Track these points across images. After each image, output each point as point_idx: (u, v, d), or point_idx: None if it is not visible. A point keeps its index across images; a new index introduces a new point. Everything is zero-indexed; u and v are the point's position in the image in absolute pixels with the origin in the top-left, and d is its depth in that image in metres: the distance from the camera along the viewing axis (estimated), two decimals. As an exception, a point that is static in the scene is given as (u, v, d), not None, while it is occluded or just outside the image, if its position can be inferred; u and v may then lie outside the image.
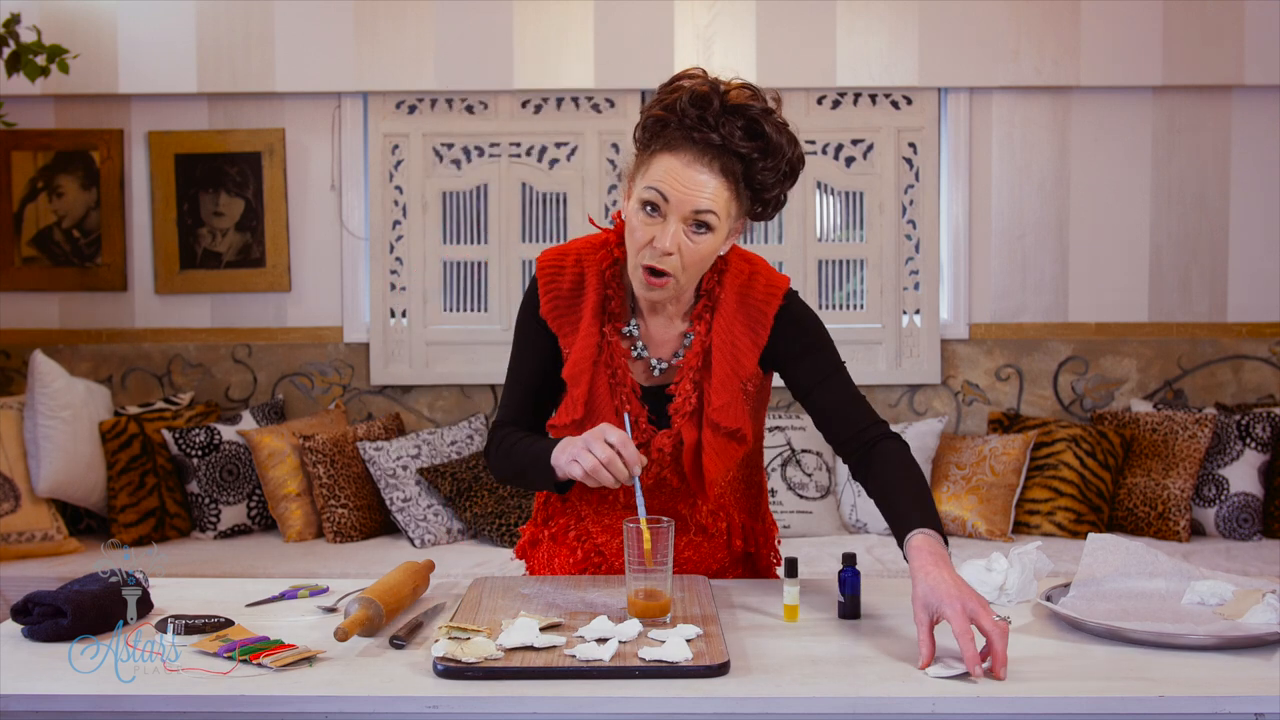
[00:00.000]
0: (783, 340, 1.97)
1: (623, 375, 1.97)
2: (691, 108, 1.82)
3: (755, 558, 2.15)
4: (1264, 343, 4.50)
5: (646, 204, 1.85)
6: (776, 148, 1.85)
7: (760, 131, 1.83)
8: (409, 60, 4.42)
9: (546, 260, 2.02)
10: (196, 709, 1.52)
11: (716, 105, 1.82)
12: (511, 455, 1.97)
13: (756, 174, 1.85)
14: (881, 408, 4.52)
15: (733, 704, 1.50)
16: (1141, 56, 4.39)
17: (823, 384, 1.96)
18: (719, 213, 1.84)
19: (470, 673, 1.55)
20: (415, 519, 4.05)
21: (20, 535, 3.91)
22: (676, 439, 1.97)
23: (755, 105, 1.84)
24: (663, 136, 1.85)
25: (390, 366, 4.54)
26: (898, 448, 1.91)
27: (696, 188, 1.82)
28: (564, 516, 2.11)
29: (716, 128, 1.82)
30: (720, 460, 1.96)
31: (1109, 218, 4.51)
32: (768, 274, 2.00)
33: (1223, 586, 1.85)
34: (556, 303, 1.99)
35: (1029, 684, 1.54)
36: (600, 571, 2.08)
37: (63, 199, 4.52)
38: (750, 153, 1.83)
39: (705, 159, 1.83)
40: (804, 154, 1.91)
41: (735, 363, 1.95)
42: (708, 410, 1.94)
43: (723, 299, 1.97)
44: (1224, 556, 3.81)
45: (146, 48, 4.40)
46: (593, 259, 2.00)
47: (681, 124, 1.83)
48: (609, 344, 1.98)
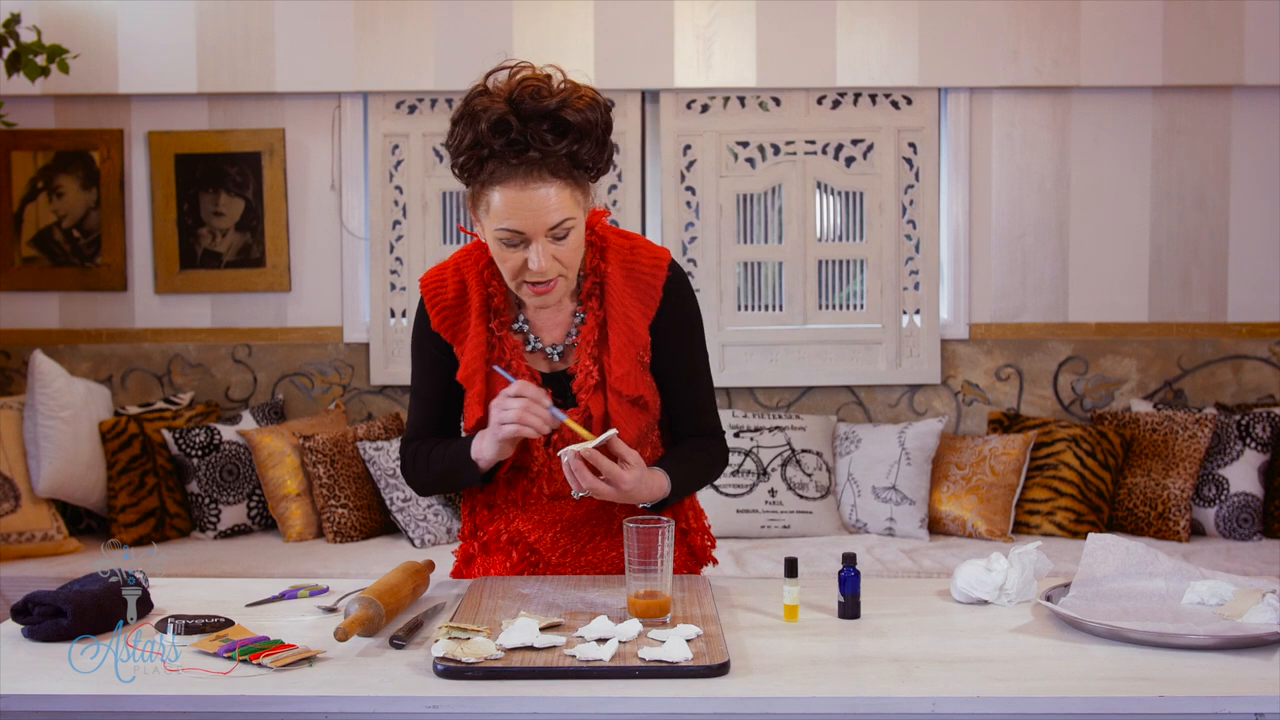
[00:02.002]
0: (667, 313, 2.03)
1: (518, 366, 2.01)
2: (496, 137, 1.82)
3: (689, 534, 2.17)
4: (1264, 343, 4.50)
5: (503, 240, 1.87)
6: (588, 128, 1.86)
7: (566, 124, 1.83)
8: (409, 60, 4.42)
9: (429, 278, 2.07)
10: (196, 709, 1.52)
11: (517, 124, 1.81)
12: (430, 461, 2.05)
13: (583, 159, 1.87)
14: (881, 407, 4.52)
15: (733, 704, 1.50)
16: (1141, 56, 4.39)
17: (685, 379, 2.08)
18: (572, 214, 1.87)
19: (470, 673, 1.55)
20: (415, 519, 4.05)
21: (20, 535, 3.91)
22: (585, 414, 2.00)
23: (549, 101, 1.83)
24: (485, 169, 1.85)
25: (390, 366, 4.54)
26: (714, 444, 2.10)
27: (542, 208, 1.84)
28: (493, 523, 2.12)
29: (528, 144, 1.82)
30: (628, 428, 2.00)
31: (1109, 218, 4.51)
32: (648, 246, 2.06)
33: (1223, 586, 1.85)
34: (444, 313, 2.03)
35: (1029, 684, 1.54)
36: (537, 572, 2.09)
37: (63, 199, 4.52)
38: (568, 147, 1.84)
39: (534, 175, 1.84)
40: (607, 101, 1.91)
41: (630, 333, 2.01)
42: (610, 380, 1.99)
43: (610, 274, 2.01)
44: (1224, 556, 3.81)
45: (146, 48, 4.40)
46: (469, 264, 2.04)
47: (495, 153, 1.83)
48: (499, 340, 2.02)
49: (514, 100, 1.82)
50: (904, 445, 4.17)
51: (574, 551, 2.09)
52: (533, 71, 1.87)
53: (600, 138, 1.89)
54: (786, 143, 4.49)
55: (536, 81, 1.84)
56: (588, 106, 1.86)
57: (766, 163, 4.51)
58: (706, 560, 2.21)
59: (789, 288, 4.52)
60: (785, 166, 4.49)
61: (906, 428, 4.23)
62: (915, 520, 4.10)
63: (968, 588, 1.91)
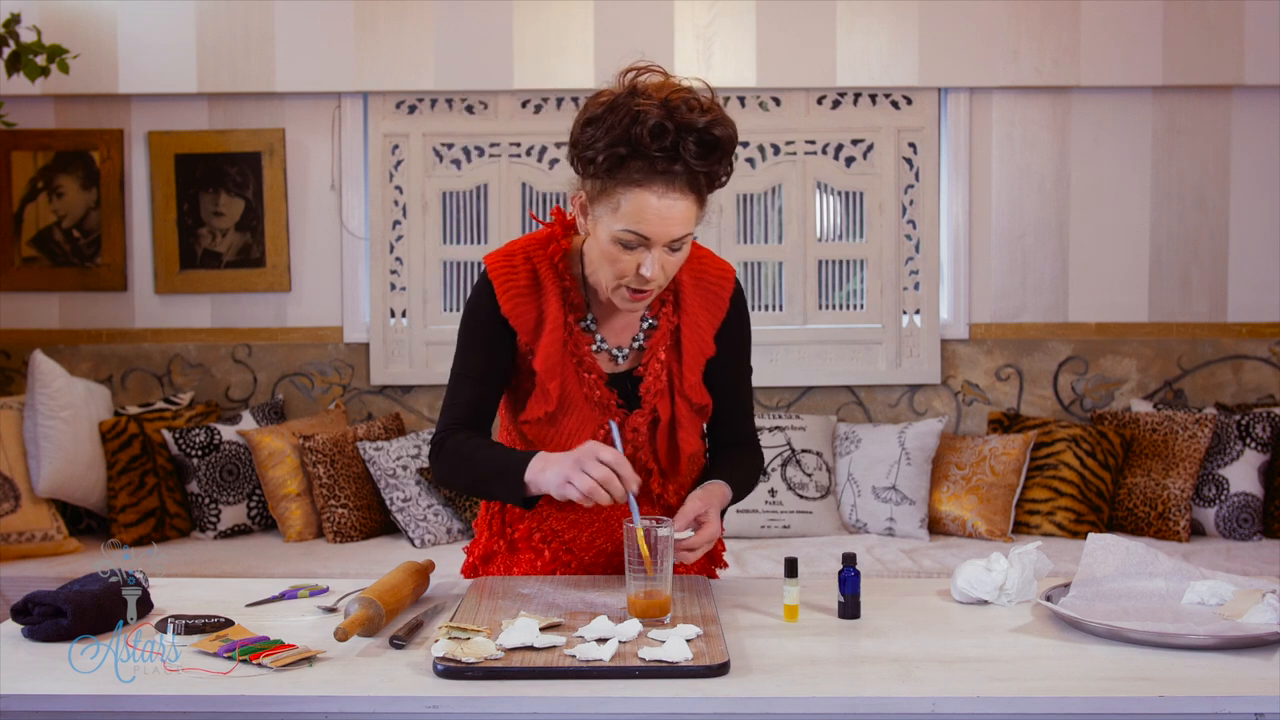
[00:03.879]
0: (729, 325, 2.07)
1: (590, 364, 2.00)
2: (653, 141, 1.79)
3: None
4: (1264, 343, 4.50)
5: (623, 241, 1.85)
6: (730, 147, 1.86)
7: (715, 142, 1.83)
8: (409, 60, 4.42)
9: (497, 259, 2.02)
10: (196, 709, 1.52)
11: (673, 131, 1.80)
12: (473, 462, 1.93)
13: (717, 178, 1.88)
14: (881, 407, 4.52)
15: (733, 704, 1.50)
16: (1141, 56, 4.39)
17: (733, 387, 2.10)
18: (692, 229, 1.89)
19: (470, 673, 1.55)
20: (415, 519, 4.05)
21: (20, 535, 3.91)
22: (650, 416, 2.01)
23: (701, 117, 1.81)
24: (625, 167, 1.83)
25: (390, 366, 4.54)
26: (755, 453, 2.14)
27: (673, 220, 1.84)
28: (524, 521, 2.09)
29: (679, 156, 1.81)
30: (693, 434, 2.04)
31: (1109, 218, 4.51)
32: (714, 258, 2.09)
33: (1223, 586, 1.85)
34: (517, 300, 1.99)
35: (1029, 684, 1.54)
36: (570, 571, 2.08)
37: (63, 199, 4.52)
38: (710, 166, 1.84)
39: (674, 187, 1.83)
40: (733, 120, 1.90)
41: (701, 342, 2.03)
42: (682, 387, 2.01)
43: (683, 282, 2.04)
44: (1224, 556, 3.81)
45: (146, 48, 4.40)
46: (542, 255, 2.02)
47: (644, 156, 1.81)
48: (573, 335, 2.01)
49: (670, 107, 1.80)
50: (904, 445, 4.17)
51: (609, 551, 2.08)
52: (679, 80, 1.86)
53: (731, 158, 1.89)
54: (786, 143, 4.49)
55: (686, 93, 1.83)
56: (730, 125, 1.85)
57: (766, 163, 4.51)
58: (720, 563, 2.22)
59: (789, 288, 4.52)
60: (785, 166, 4.49)
61: (906, 428, 4.23)
62: (915, 520, 4.10)
63: (968, 588, 1.91)
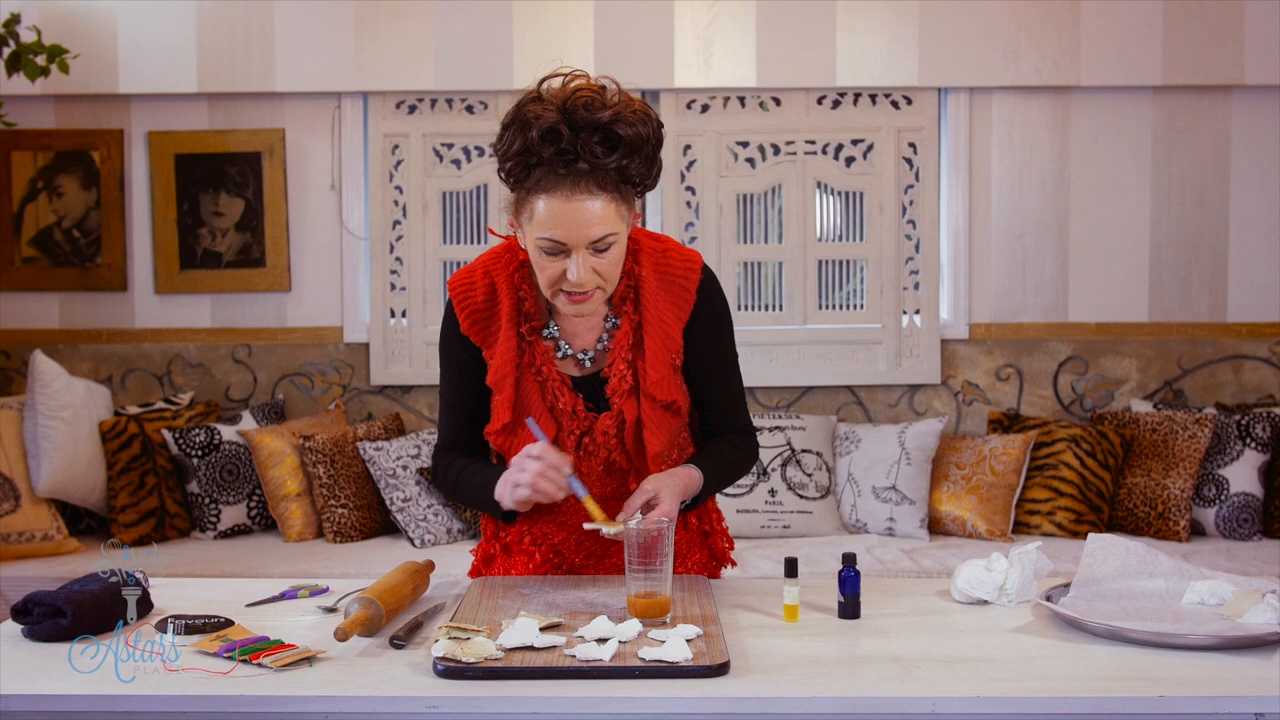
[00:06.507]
0: (700, 317, 2.01)
1: (549, 371, 1.99)
2: (546, 145, 1.79)
3: (710, 536, 2.17)
4: (1264, 343, 4.50)
5: (544, 249, 1.85)
6: (639, 143, 1.84)
7: (618, 137, 1.82)
8: (409, 60, 4.42)
9: (457, 280, 2.04)
10: (196, 709, 1.52)
11: (568, 133, 1.79)
12: (459, 485, 2.04)
13: (631, 174, 1.86)
14: (881, 407, 4.52)
15: (733, 704, 1.50)
16: (1141, 56, 4.39)
17: (716, 380, 2.07)
18: (615, 229, 1.85)
19: (470, 673, 1.55)
20: (415, 519, 4.05)
21: (20, 535, 3.91)
22: (619, 418, 1.99)
23: (603, 114, 1.80)
24: (532, 176, 1.83)
25: (390, 366, 4.54)
26: (743, 440, 2.09)
27: (586, 221, 1.82)
28: (515, 525, 2.10)
29: (578, 155, 1.80)
30: (660, 433, 1.99)
31: (1109, 218, 4.51)
32: (679, 249, 2.04)
33: (1223, 586, 1.85)
34: (474, 317, 2.00)
35: (1029, 684, 1.54)
36: (560, 572, 2.08)
37: (63, 199, 4.52)
38: (618, 161, 1.82)
39: (581, 186, 1.81)
40: (659, 118, 1.89)
41: (665, 337, 1.99)
42: (645, 385, 1.97)
43: (644, 278, 2.00)
44: (1224, 556, 3.81)
45: (146, 48, 4.40)
46: (499, 267, 2.02)
47: (544, 162, 1.81)
48: (529, 345, 2.00)
49: (567, 109, 1.80)
50: (904, 445, 4.17)
51: (598, 554, 2.08)
52: (587, 81, 1.85)
53: (650, 153, 1.87)
54: (786, 143, 4.49)
55: (590, 92, 1.82)
56: (640, 121, 1.84)
57: (766, 163, 4.51)
58: (725, 562, 2.20)
59: (789, 288, 4.52)
60: (785, 166, 4.49)
61: (906, 428, 4.23)
62: (915, 520, 4.10)
63: (968, 588, 1.91)
